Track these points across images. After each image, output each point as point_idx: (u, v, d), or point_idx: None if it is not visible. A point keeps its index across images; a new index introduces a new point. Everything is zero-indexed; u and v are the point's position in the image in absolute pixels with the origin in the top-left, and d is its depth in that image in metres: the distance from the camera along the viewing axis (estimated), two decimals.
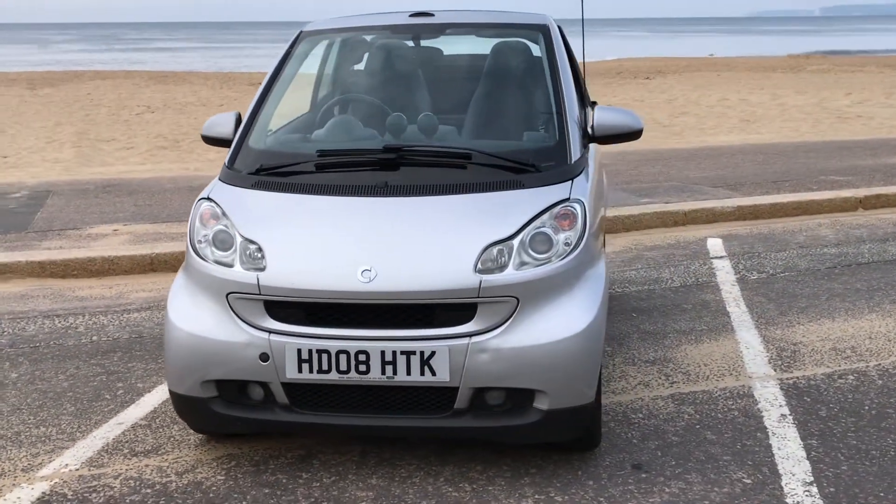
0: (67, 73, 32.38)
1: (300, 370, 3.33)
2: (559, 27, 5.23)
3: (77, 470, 3.64)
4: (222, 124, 4.17)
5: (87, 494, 3.44)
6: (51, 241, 7.24)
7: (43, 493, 3.46)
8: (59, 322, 5.58)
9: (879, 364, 4.63)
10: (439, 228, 3.43)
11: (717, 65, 32.09)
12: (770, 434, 3.84)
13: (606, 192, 5.33)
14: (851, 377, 4.47)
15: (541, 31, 4.30)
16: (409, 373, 3.29)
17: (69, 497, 3.43)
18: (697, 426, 3.93)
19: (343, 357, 3.30)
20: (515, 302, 3.31)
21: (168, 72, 31.83)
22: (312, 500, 3.37)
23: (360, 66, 4.71)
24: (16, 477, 3.60)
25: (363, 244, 3.39)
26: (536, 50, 4.31)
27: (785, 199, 8.34)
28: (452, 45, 4.63)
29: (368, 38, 4.69)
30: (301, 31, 4.54)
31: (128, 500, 3.39)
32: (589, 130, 3.99)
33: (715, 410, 4.10)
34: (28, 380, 4.64)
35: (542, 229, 3.43)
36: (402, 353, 3.28)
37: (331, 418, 3.40)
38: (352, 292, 3.29)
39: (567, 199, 3.53)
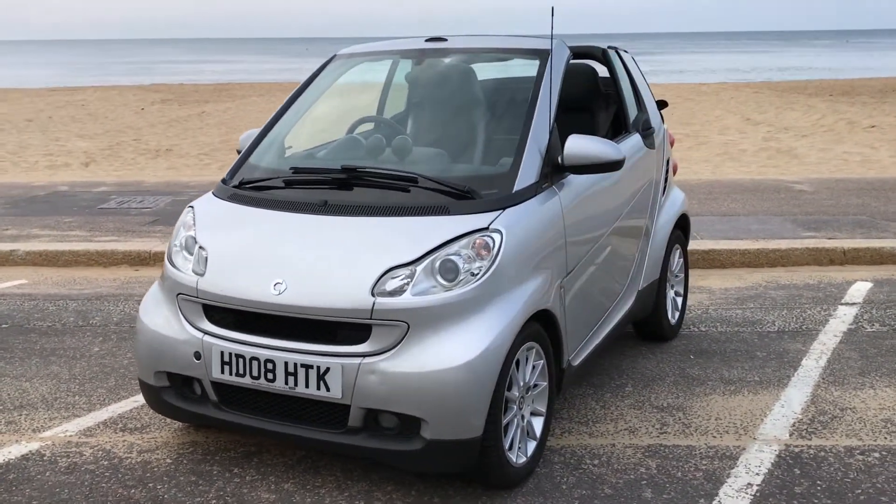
0: None
1: (223, 371, 3.58)
2: (616, 50, 5.01)
3: (70, 436, 4.16)
4: (251, 138, 4.54)
5: (59, 458, 3.94)
6: None
7: (30, 451, 4.02)
8: None
9: None
10: (353, 248, 3.50)
11: None
12: (715, 503, 3.45)
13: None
14: (876, 454, 3.84)
15: (538, 57, 4.17)
16: (307, 385, 3.41)
17: (45, 458, 3.95)
18: (643, 482, 3.62)
19: (255, 363, 3.50)
20: (406, 327, 3.31)
21: None
22: (221, 493, 3.59)
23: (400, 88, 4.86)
24: (23, 434, 4.20)
25: (283, 258, 3.56)
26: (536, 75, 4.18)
27: None
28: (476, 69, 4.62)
29: (404, 60, 4.83)
30: (335, 55, 4.79)
31: (83, 468, 3.84)
32: (559, 160, 3.84)
33: (679, 469, 3.74)
34: (102, 354, 5.32)
35: (451, 256, 3.39)
36: (302, 365, 3.41)
37: (247, 420, 3.61)
38: (263, 303, 3.48)
39: (485, 229, 3.44)
